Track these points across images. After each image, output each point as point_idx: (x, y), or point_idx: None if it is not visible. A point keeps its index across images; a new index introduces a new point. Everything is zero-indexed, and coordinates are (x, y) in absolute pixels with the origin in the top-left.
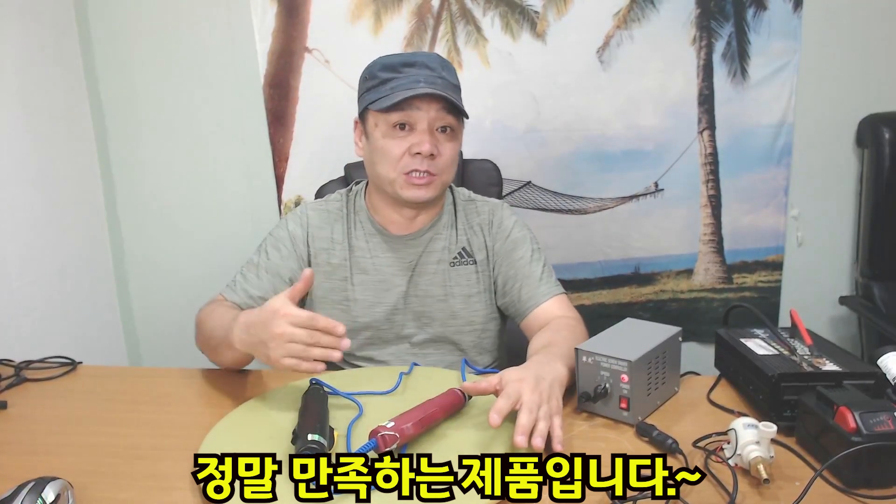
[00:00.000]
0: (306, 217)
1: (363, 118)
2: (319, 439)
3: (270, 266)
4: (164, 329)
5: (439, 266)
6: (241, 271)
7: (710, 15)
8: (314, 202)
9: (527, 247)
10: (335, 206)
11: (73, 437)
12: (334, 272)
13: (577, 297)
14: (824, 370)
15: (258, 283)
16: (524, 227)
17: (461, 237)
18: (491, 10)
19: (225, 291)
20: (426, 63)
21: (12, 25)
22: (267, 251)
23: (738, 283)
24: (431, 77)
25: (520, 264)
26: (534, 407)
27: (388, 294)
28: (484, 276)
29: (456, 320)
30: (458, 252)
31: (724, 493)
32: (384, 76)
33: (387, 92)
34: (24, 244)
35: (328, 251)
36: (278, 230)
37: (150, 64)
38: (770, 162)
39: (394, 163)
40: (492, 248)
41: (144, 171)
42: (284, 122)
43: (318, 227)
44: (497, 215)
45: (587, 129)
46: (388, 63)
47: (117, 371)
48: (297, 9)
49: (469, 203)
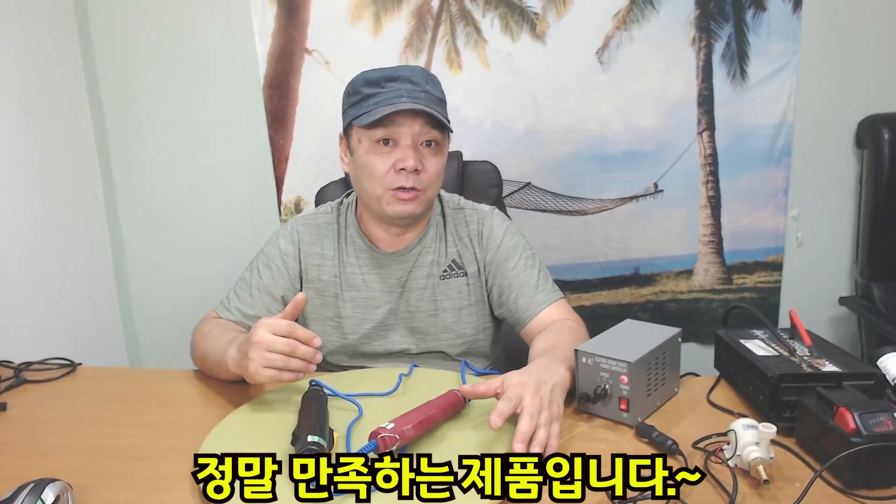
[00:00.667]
0: (297, 233)
1: (347, 134)
2: (319, 440)
3: (262, 285)
4: (164, 329)
5: (429, 280)
6: (233, 289)
7: (709, 16)
8: (304, 216)
9: (519, 255)
10: (325, 221)
11: (73, 438)
12: (325, 289)
13: (577, 297)
14: (824, 371)
15: (251, 301)
16: (516, 234)
17: (451, 249)
18: (490, 11)
19: (218, 309)
20: (409, 77)
21: (12, 25)
22: (259, 269)
23: (737, 284)
24: (415, 91)
25: (513, 274)
26: (535, 412)
27: (378, 311)
28: (476, 289)
29: (448, 334)
30: (448, 265)
31: (724, 494)
32: (367, 91)
33: (370, 107)
34: (24, 244)
35: (318, 267)
36: (269, 248)
37: (150, 64)
38: (770, 162)
39: (379, 179)
40: (483, 259)
41: (144, 171)
42: (284, 123)
43: (310, 243)
44: (486, 225)
45: (587, 130)
46: (370, 78)
47: (117, 372)
48: (296, 10)
49: (458, 212)
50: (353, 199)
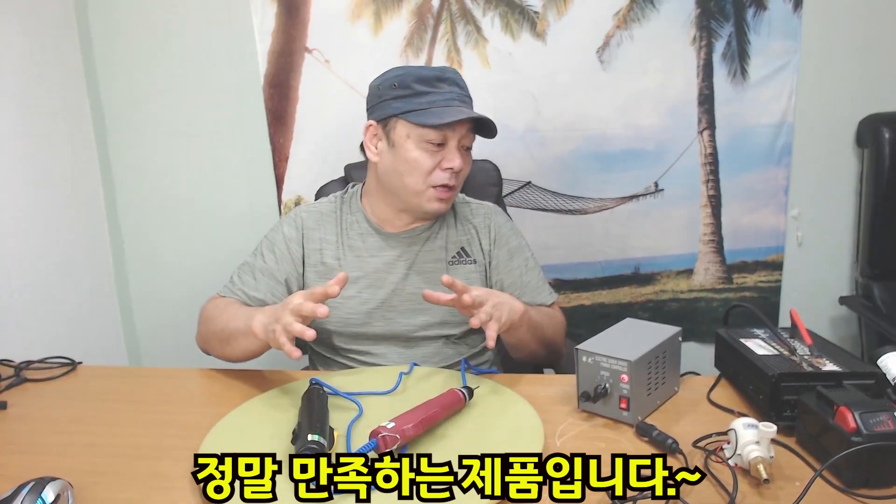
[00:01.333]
0: (300, 219)
1: (386, 124)
2: (319, 439)
3: (266, 269)
4: (164, 329)
5: (437, 265)
6: (237, 272)
7: (709, 15)
8: (307, 205)
9: (523, 255)
10: (328, 209)
11: (73, 437)
12: (328, 272)
13: (577, 297)
14: (824, 370)
15: (254, 284)
16: (519, 234)
17: (460, 237)
18: (491, 10)
19: (223, 292)
20: (455, 80)
21: (12, 25)
22: (262, 253)
23: (738, 283)
24: (462, 96)
25: (517, 273)
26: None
27: (381, 291)
28: (481, 278)
29: (453, 318)
30: (457, 251)
31: (724, 493)
32: (420, 88)
33: (424, 105)
34: (24, 244)
35: (320, 251)
36: (273, 233)
37: (150, 63)
38: (770, 162)
39: (424, 175)
40: (489, 252)
41: (144, 171)
42: (284, 122)
43: (312, 228)
44: (494, 220)
45: (587, 128)
46: (423, 76)
47: (117, 371)
48: (297, 9)
49: (464, 205)
50: (358, 189)
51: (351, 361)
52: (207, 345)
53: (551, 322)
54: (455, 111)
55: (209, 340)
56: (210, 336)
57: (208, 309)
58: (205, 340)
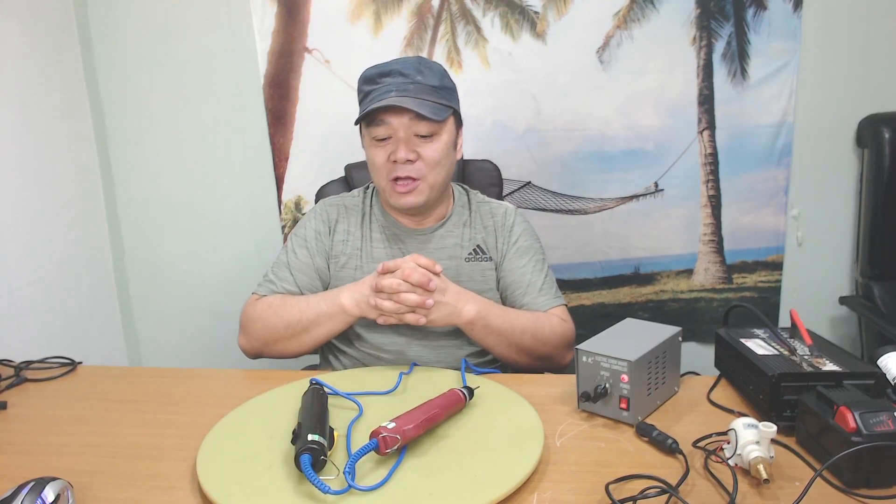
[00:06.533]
0: (325, 213)
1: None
2: (319, 439)
3: (300, 265)
4: (164, 329)
5: (451, 262)
6: (272, 270)
7: (710, 15)
8: (331, 198)
9: (532, 256)
10: (353, 202)
11: (73, 437)
12: (349, 262)
13: (577, 297)
14: (824, 370)
15: (292, 279)
16: (533, 236)
17: (476, 235)
18: (491, 10)
19: (261, 290)
20: (400, 70)
21: (12, 25)
22: (295, 251)
23: (737, 283)
24: (404, 84)
25: (521, 272)
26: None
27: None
28: (496, 276)
29: None
30: (473, 249)
31: (724, 493)
32: (365, 89)
33: (366, 105)
34: (24, 244)
35: (344, 242)
36: (301, 230)
37: (150, 64)
38: (770, 162)
39: (380, 171)
40: (502, 250)
41: (144, 171)
42: (284, 122)
43: (337, 220)
44: (510, 219)
45: (587, 128)
46: (367, 75)
47: (117, 371)
48: (297, 9)
49: (483, 205)
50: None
51: (365, 356)
52: (268, 344)
53: (539, 331)
54: (378, 102)
55: (274, 337)
56: (275, 332)
57: (258, 309)
58: (263, 340)
